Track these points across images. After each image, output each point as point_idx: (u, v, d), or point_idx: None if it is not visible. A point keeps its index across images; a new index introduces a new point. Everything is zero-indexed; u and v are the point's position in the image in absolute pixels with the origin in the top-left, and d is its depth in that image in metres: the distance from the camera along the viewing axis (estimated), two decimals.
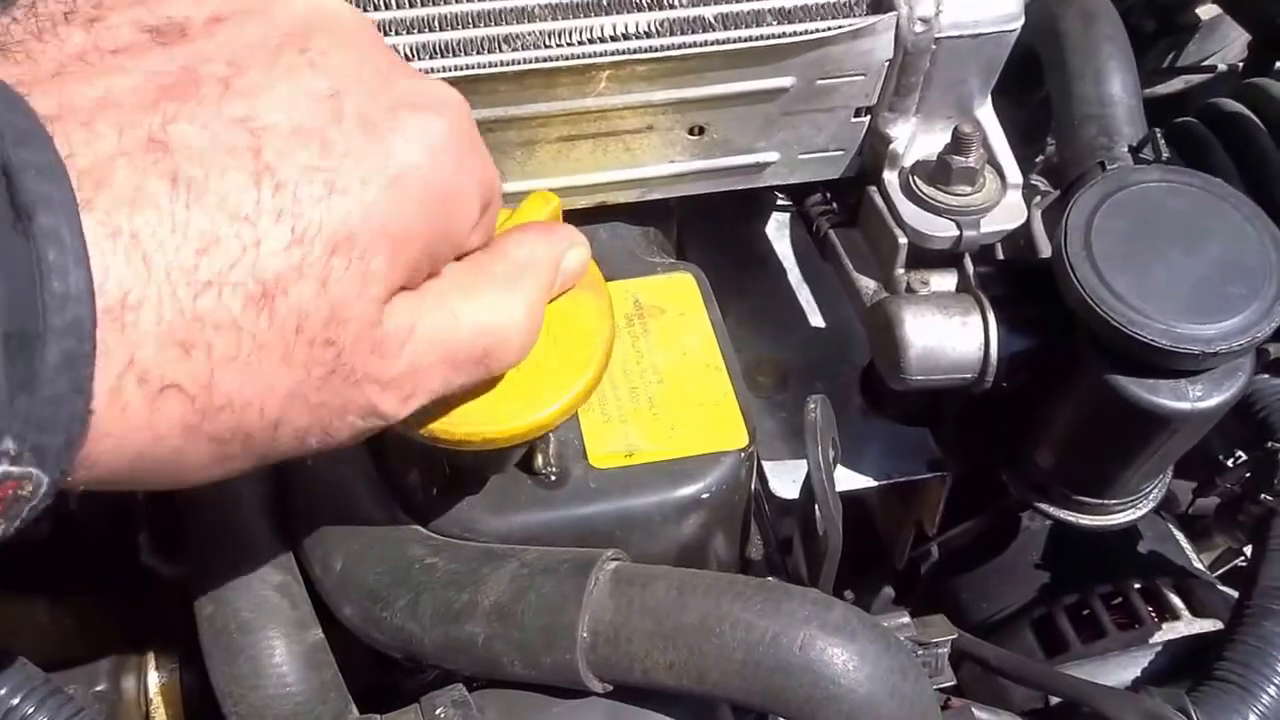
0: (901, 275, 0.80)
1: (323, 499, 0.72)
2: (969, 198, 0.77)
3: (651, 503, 0.71)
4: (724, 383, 0.77)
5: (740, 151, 0.81)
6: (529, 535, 0.69)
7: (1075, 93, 0.86)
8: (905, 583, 1.14)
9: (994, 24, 0.74)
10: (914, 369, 0.76)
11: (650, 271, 0.84)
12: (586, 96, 0.73)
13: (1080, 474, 0.82)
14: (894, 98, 0.78)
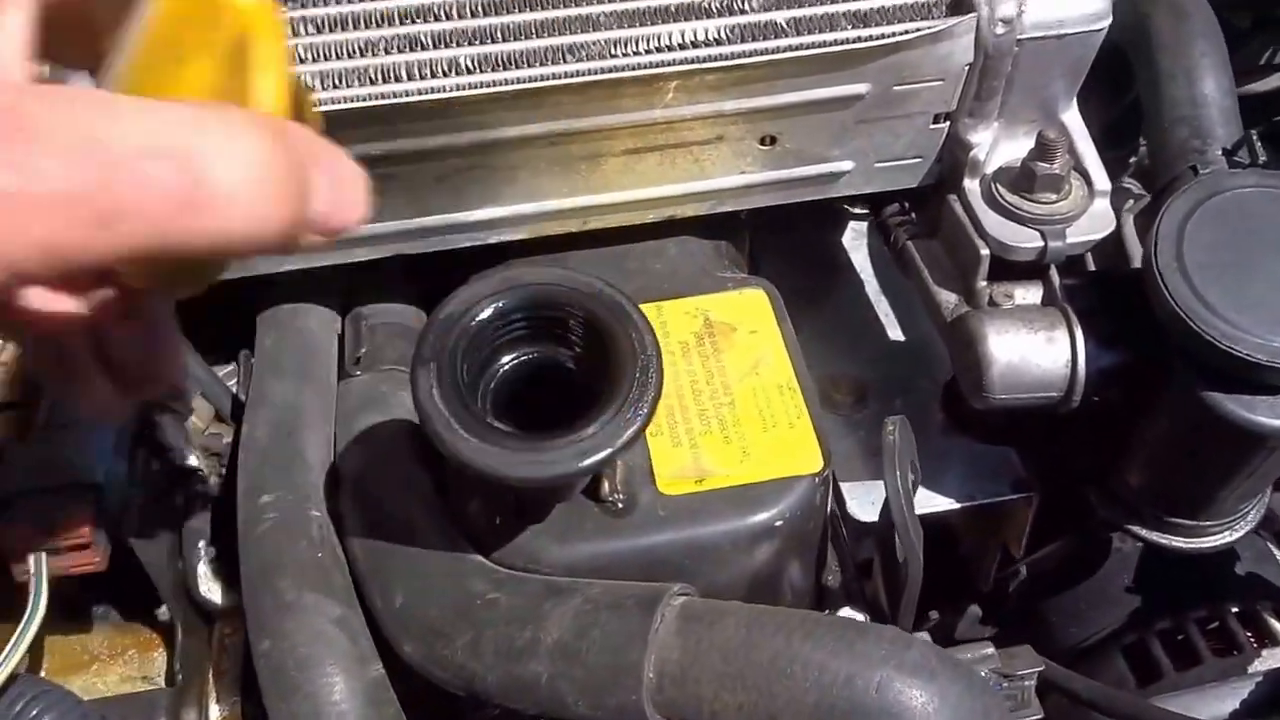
0: (984, 288, 0.76)
1: (383, 527, 0.70)
2: (1054, 206, 0.73)
3: (722, 531, 0.68)
4: (798, 403, 0.74)
5: (813, 161, 0.77)
6: (596, 566, 0.67)
7: (1166, 93, 0.82)
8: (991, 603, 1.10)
9: (1080, 23, 0.70)
10: (997, 387, 0.72)
11: (721, 288, 0.81)
12: (654, 108, 0.71)
13: (1173, 494, 0.78)
14: (974, 102, 0.74)
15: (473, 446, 0.53)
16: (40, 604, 0.66)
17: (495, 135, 0.71)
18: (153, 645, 0.82)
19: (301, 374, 0.82)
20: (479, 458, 0.53)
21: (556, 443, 0.55)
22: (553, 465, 0.54)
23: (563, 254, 0.83)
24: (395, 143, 0.70)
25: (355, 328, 0.86)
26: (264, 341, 0.84)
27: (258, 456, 0.76)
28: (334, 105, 0.69)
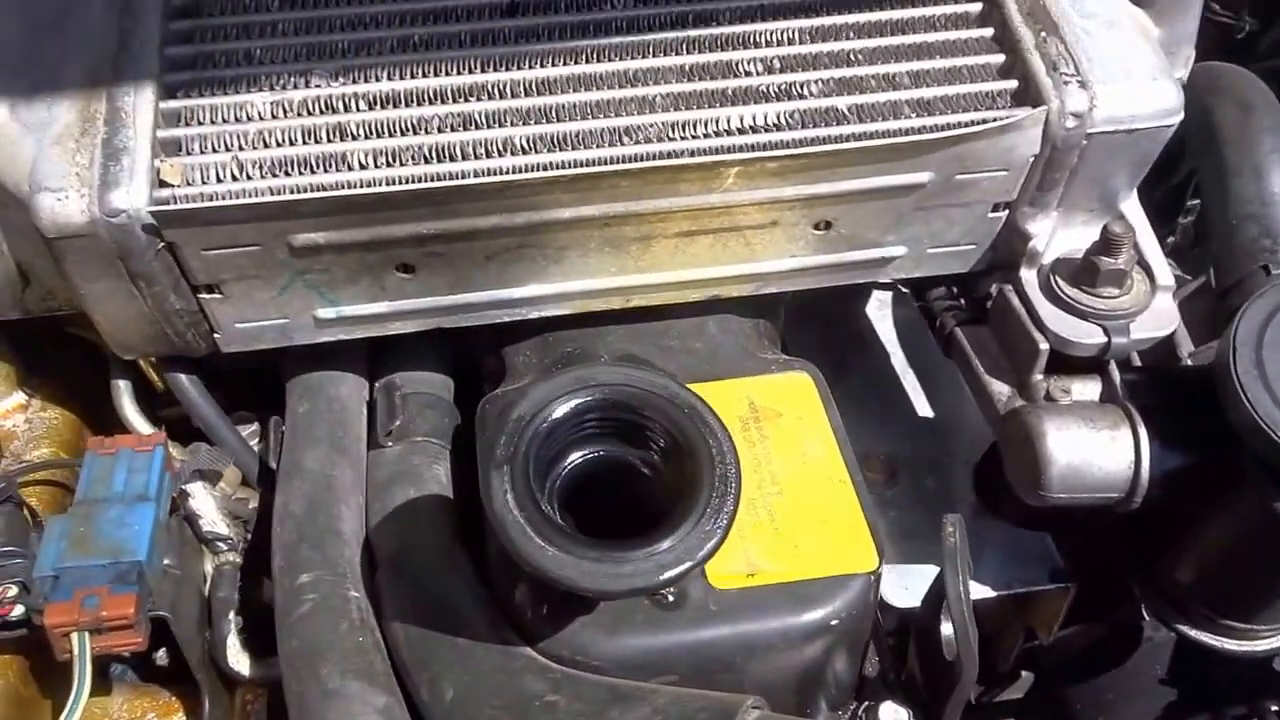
0: (1040, 381, 0.75)
1: (425, 612, 0.68)
2: (1117, 301, 0.72)
3: (775, 628, 0.67)
4: (850, 497, 0.72)
5: (866, 246, 0.76)
6: (645, 660, 0.65)
7: (1233, 189, 0.81)
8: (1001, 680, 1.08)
9: (1152, 119, 0.70)
10: (1057, 487, 0.70)
11: (765, 370, 0.80)
12: (712, 193, 0.70)
13: (1228, 596, 0.76)
14: (1036, 193, 0.73)
15: (549, 557, 0.52)
16: (85, 686, 0.65)
17: (551, 216, 0.70)
18: (172, 709, 0.80)
19: (334, 444, 0.80)
20: (555, 568, 0.51)
21: (633, 555, 0.53)
22: (631, 579, 0.52)
23: (602, 329, 0.81)
24: (448, 222, 0.69)
25: (388, 398, 0.84)
26: (296, 409, 0.83)
27: (293, 531, 0.74)
28: (389, 186, 0.67)
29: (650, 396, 0.58)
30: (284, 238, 0.68)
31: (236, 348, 0.77)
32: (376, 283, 0.73)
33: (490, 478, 0.54)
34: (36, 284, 0.79)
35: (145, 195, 0.67)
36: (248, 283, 0.72)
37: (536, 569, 0.52)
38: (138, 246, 0.67)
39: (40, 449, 0.92)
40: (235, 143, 0.70)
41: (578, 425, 0.58)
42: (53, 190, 0.67)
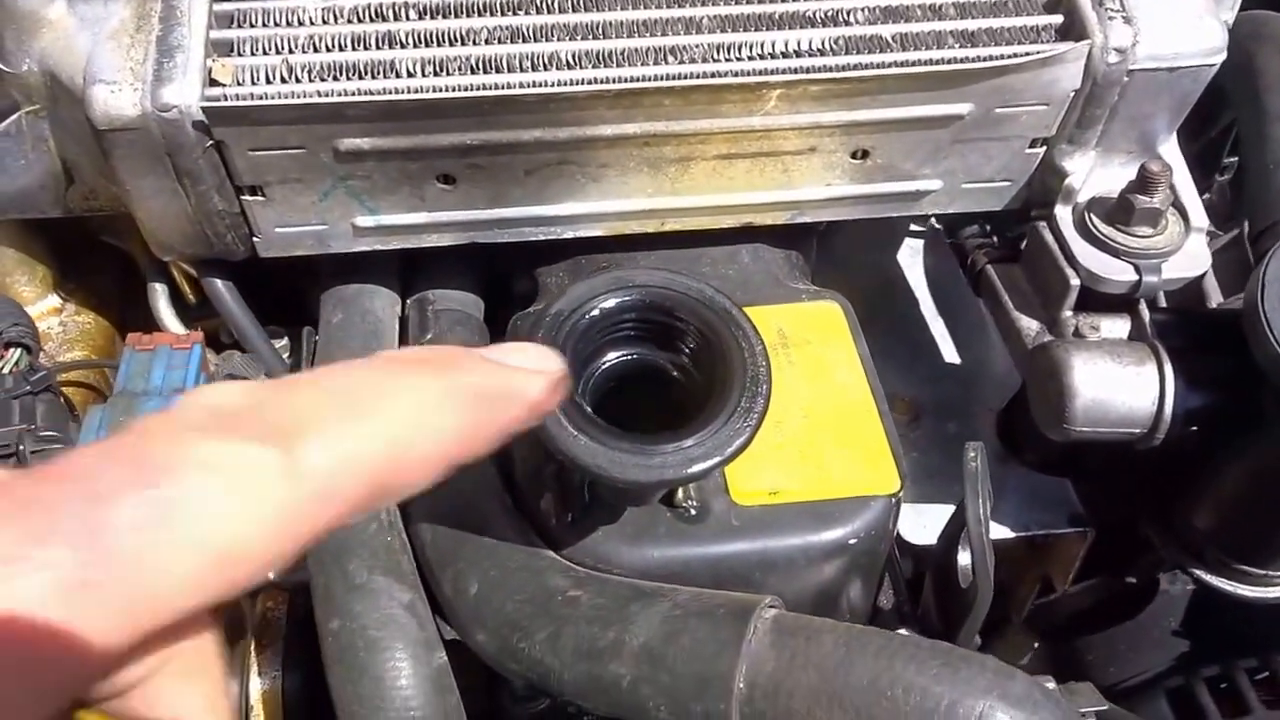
0: (1069, 318, 0.75)
1: (453, 516, 0.69)
2: (1150, 240, 0.73)
3: (795, 545, 0.67)
4: (874, 422, 0.73)
5: (902, 178, 0.77)
6: (666, 571, 0.66)
7: (1271, 135, 0.81)
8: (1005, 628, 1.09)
9: (1194, 57, 0.70)
10: (1080, 420, 0.71)
11: (795, 299, 0.81)
12: (753, 115, 0.70)
13: (1245, 541, 0.77)
14: (1074, 129, 0.74)
15: (582, 445, 0.53)
16: None
17: (592, 132, 0.70)
18: None
19: (367, 354, 0.81)
20: (588, 456, 0.52)
21: (663, 448, 0.54)
22: (660, 470, 0.53)
23: (634, 253, 0.82)
24: (491, 134, 0.70)
25: (421, 312, 0.85)
26: (330, 320, 0.84)
27: None
28: (434, 93, 0.68)
29: (686, 299, 0.59)
30: (329, 141, 0.69)
31: (274, 253, 0.78)
32: (416, 192, 0.74)
33: None
34: (80, 182, 0.80)
35: (197, 93, 0.68)
36: (290, 186, 0.73)
37: (568, 457, 0.53)
38: (187, 143, 0.69)
39: (74, 351, 0.94)
40: (286, 46, 0.71)
41: (615, 325, 0.59)
42: (107, 83, 0.68)
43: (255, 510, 0.28)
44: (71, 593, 0.26)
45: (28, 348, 0.81)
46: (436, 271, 0.87)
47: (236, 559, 0.28)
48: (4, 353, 0.80)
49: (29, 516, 0.26)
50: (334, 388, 0.32)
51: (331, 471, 0.30)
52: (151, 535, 0.27)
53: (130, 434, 0.29)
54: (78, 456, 0.28)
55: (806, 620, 0.57)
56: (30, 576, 0.26)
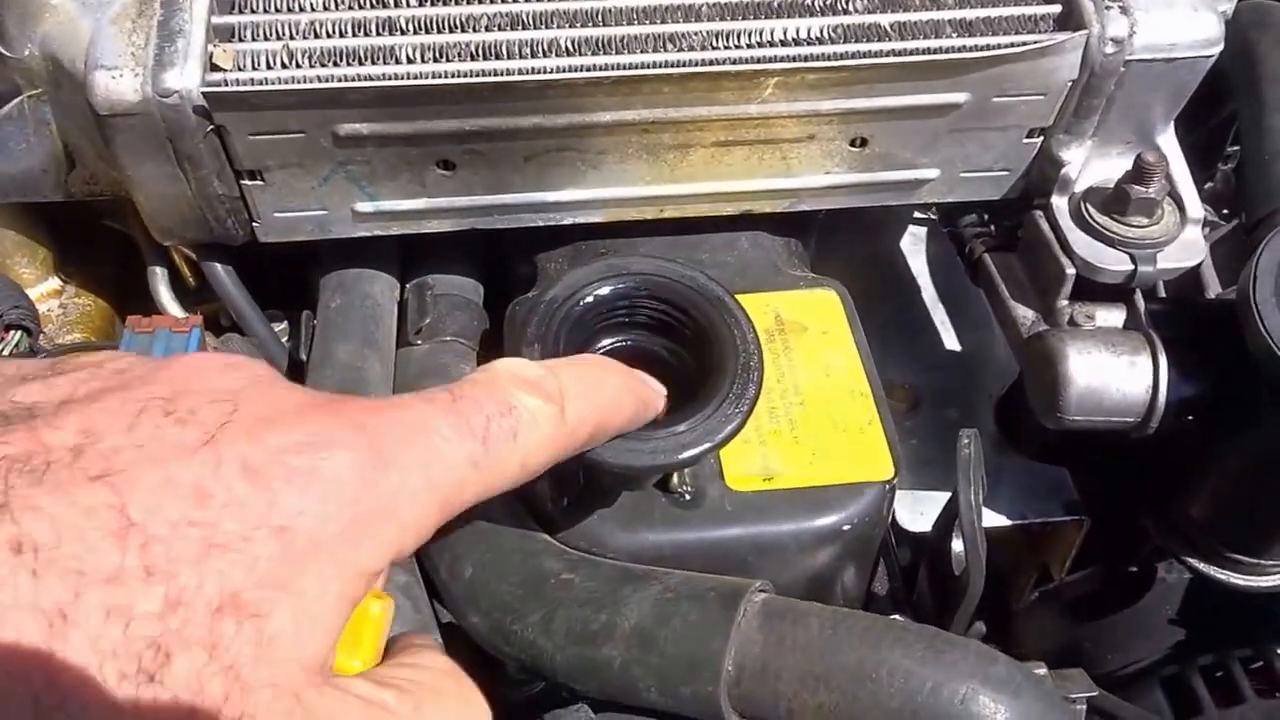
0: (1065, 307, 0.75)
1: None
2: (1146, 230, 0.73)
3: (788, 531, 0.68)
4: (869, 409, 0.73)
5: (900, 167, 0.77)
6: (660, 555, 0.66)
7: (1269, 125, 0.81)
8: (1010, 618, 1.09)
9: (1191, 48, 0.70)
10: (1074, 408, 0.71)
11: (793, 286, 0.81)
12: (751, 103, 0.70)
13: (1238, 530, 0.77)
14: (1071, 119, 0.74)
15: None
16: None
17: (591, 119, 0.71)
18: None
19: (365, 338, 0.82)
20: None
21: (656, 434, 0.55)
22: (653, 456, 0.54)
23: (632, 239, 0.83)
24: (490, 120, 0.70)
25: (420, 297, 0.85)
26: (329, 304, 0.84)
27: None
28: (434, 79, 0.68)
29: (678, 286, 0.60)
30: (329, 126, 0.70)
31: (274, 238, 0.79)
32: (416, 178, 0.75)
33: (520, 354, 0.56)
34: (81, 167, 0.81)
35: (198, 77, 0.68)
36: (290, 171, 0.73)
37: None
38: (187, 127, 0.69)
39: (74, 333, 0.95)
40: (287, 32, 0.71)
41: (608, 312, 0.60)
42: (108, 68, 0.68)
43: (548, 435, 0.47)
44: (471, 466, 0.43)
45: (28, 330, 0.82)
46: (436, 256, 0.87)
47: (538, 464, 0.48)
48: (4, 335, 0.81)
49: (457, 412, 0.44)
50: (577, 373, 0.50)
51: (578, 422, 0.49)
52: (510, 441, 0.45)
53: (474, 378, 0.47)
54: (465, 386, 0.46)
55: (794, 604, 0.58)
56: (456, 448, 0.43)
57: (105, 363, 0.43)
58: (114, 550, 0.34)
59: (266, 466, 0.38)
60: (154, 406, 0.39)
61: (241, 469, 0.38)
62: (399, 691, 0.42)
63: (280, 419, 0.40)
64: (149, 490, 0.36)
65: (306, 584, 0.38)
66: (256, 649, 0.36)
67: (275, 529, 0.37)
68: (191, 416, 0.39)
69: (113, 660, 0.33)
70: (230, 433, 0.39)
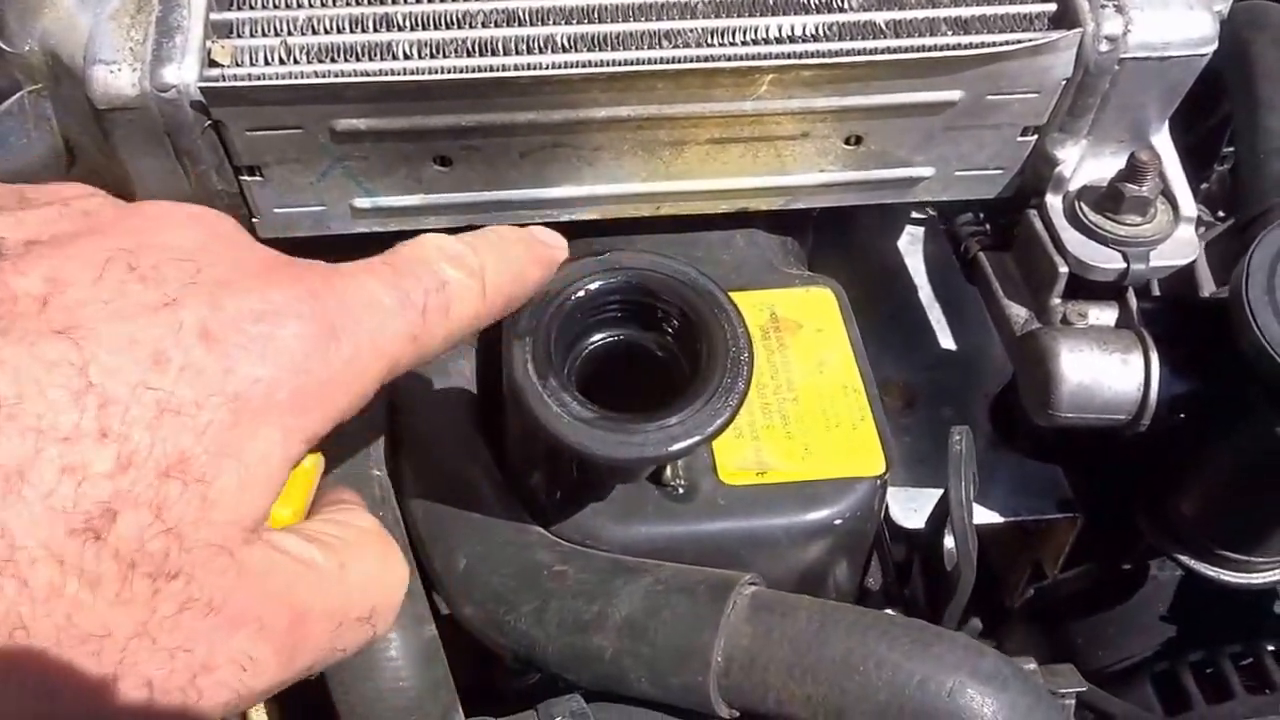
0: (1058, 305, 0.76)
1: (444, 491, 0.71)
2: (1139, 228, 0.73)
3: (780, 525, 0.69)
4: (862, 405, 0.74)
5: (895, 165, 0.77)
6: (653, 548, 0.67)
7: (1263, 124, 0.81)
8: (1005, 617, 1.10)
9: (1185, 47, 0.70)
10: (1066, 406, 0.72)
11: (788, 284, 0.82)
12: (745, 100, 0.71)
13: (1229, 527, 0.78)
14: (1066, 118, 0.74)
15: (565, 423, 0.54)
16: None
17: (586, 115, 0.71)
18: None
19: None
20: (572, 435, 0.53)
21: (646, 426, 0.55)
22: (642, 448, 0.54)
23: (630, 237, 0.83)
24: (486, 116, 0.70)
25: None
26: None
27: None
28: (430, 75, 0.69)
29: (669, 281, 0.60)
30: (326, 122, 0.70)
31: (273, 234, 0.79)
32: (413, 174, 0.75)
33: (512, 347, 0.56)
34: (81, 163, 0.81)
35: (195, 73, 0.69)
36: (288, 166, 0.74)
37: (552, 435, 0.54)
38: (185, 122, 0.70)
39: None
40: (284, 28, 0.71)
41: (600, 306, 0.60)
42: (106, 63, 0.69)
43: (472, 309, 0.50)
44: (410, 339, 0.46)
45: None
46: None
47: (460, 337, 0.50)
48: None
49: (400, 287, 0.46)
50: (492, 246, 0.52)
51: (495, 295, 0.51)
52: (444, 315, 0.48)
53: (408, 254, 0.49)
54: (400, 259, 0.48)
55: (783, 597, 0.59)
56: (399, 322, 0.46)
57: (73, 200, 0.44)
58: (72, 409, 0.36)
59: (224, 332, 0.40)
60: (119, 259, 0.40)
61: (200, 334, 0.39)
62: (325, 547, 0.44)
63: (240, 281, 0.42)
64: (110, 350, 0.37)
65: (253, 449, 0.39)
66: (199, 511, 0.38)
67: (228, 395, 0.39)
68: (154, 273, 0.40)
69: (63, 517, 0.35)
70: (191, 295, 0.40)
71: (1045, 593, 1.00)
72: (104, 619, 0.35)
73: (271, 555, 0.41)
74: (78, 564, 0.35)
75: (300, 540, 0.44)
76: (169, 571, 0.37)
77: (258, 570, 0.40)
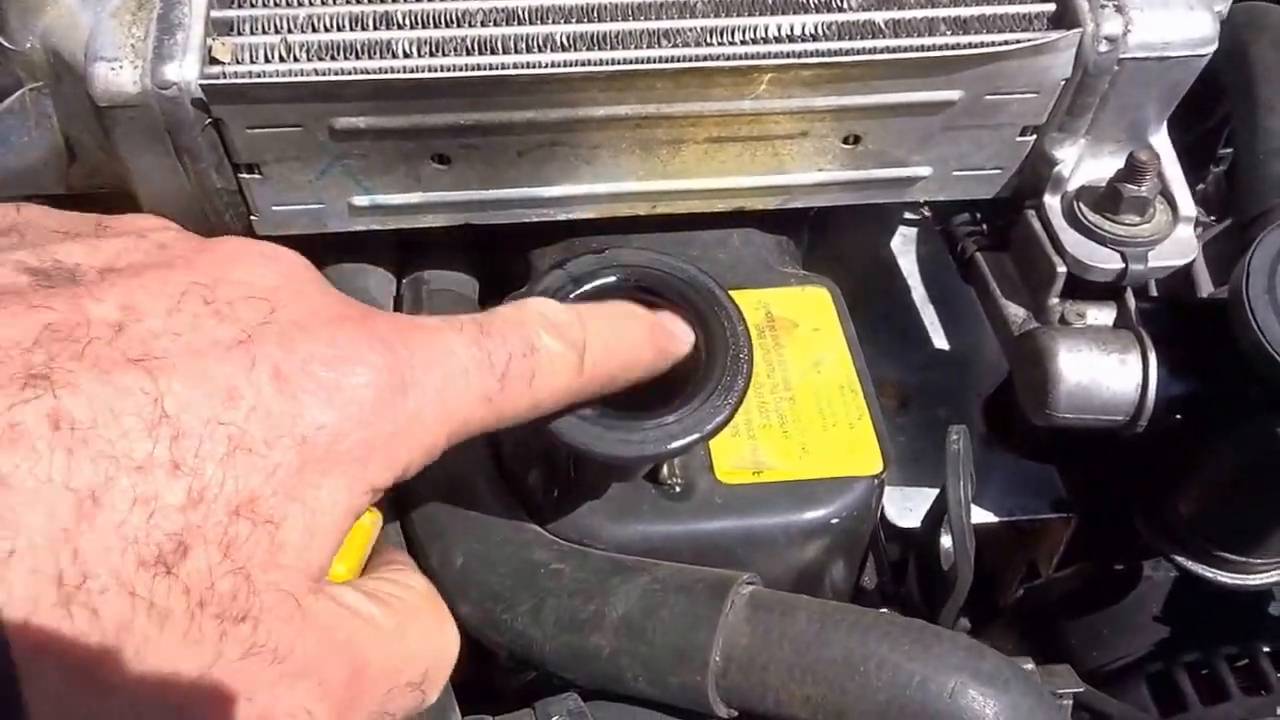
0: (1056, 305, 0.76)
1: (442, 489, 0.71)
2: (1137, 228, 0.73)
3: (777, 524, 0.69)
4: (859, 404, 0.74)
5: (893, 164, 0.77)
6: (649, 546, 0.67)
7: (1263, 125, 0.81)
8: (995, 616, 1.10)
9: (1185, 47, 0.70)
10: (1063, 406, 0.72)
11: (784, 283, 0.82)
12: (744, 99, 0.71)
13: (1227, 528, 0.78)
14: (1065, 118, 0.74)
15: (564, 421, 0.54)
16: None
17: (584, 114, 0.71)
18: None
19: None
20: (569, 432, 0.53)
21: (644, 424, 0.55)
22: (640, 446, 0.54)
23: (626, 235, 0.83)
24: (485, 114, 0.70)
25: (415, 292, 0.86)
26: None
27: None
28: (429, 73, 0.69)
29: (670, 279, 0.60)
30: (325, 120, 0.70)
31: (272, 231, 0.79)
32: (412, 172, 0.75)
33: None
34: (82, 160, 0.81)
35: (196, 70, 0.69)
36: (287, 164, 0.74)
37: (549, 433, 0.54)
38: (186, 120, 0.69)
39: None
40: (284, 25, 0.71)
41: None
42: (107, 60, 0.68)
43: (563, 382, 0.49)
44: (483, 400, 0.46)
45: None
46: (432, 253, 0.88)
47: (549, 408, 0.50)
48: None
49: (481, 345, 0.45)
50: (602, 323, 0.52)
51: (594, 372, 0.50)
52: (526, 383, 0.47)
53: (505, 314, 0.48)
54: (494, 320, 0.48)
55: (782, 597, 0.58)
56: (473, 381, 0.45)
57: (149, 232, 0.44)
58: (145, 439, 0.35)
59: (295, 375, 0.39)
60: (194, 293, 0.40)
61: (272, 374, 0.39)
62: (384, 606, 0.44)
63: (313, 325, 0.41)
64: (184, 383, 0.37)
65: (319, 496, 0.39)
66: (267, 554, 0.37)
67: (297, 439, 0.38)
68: (230, 310, 0.40)
69: (134, 546, 0.34)
70: (265, 335, 0.40)
71: (1039, 592, 1.00)
72: (171, 657, 0.35)
73: (334, 608, 0.41)
74: (148, 597, 0.34)
75: (361, 596, 0.43)
76: (237, 614, 0.36)
77: (322, 622, 0.39)
